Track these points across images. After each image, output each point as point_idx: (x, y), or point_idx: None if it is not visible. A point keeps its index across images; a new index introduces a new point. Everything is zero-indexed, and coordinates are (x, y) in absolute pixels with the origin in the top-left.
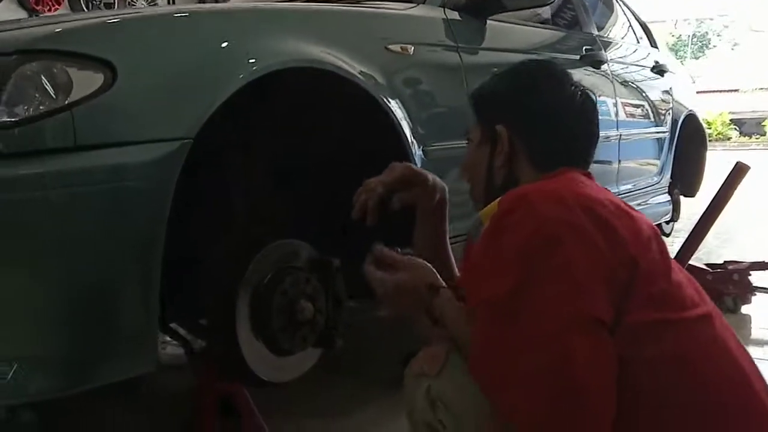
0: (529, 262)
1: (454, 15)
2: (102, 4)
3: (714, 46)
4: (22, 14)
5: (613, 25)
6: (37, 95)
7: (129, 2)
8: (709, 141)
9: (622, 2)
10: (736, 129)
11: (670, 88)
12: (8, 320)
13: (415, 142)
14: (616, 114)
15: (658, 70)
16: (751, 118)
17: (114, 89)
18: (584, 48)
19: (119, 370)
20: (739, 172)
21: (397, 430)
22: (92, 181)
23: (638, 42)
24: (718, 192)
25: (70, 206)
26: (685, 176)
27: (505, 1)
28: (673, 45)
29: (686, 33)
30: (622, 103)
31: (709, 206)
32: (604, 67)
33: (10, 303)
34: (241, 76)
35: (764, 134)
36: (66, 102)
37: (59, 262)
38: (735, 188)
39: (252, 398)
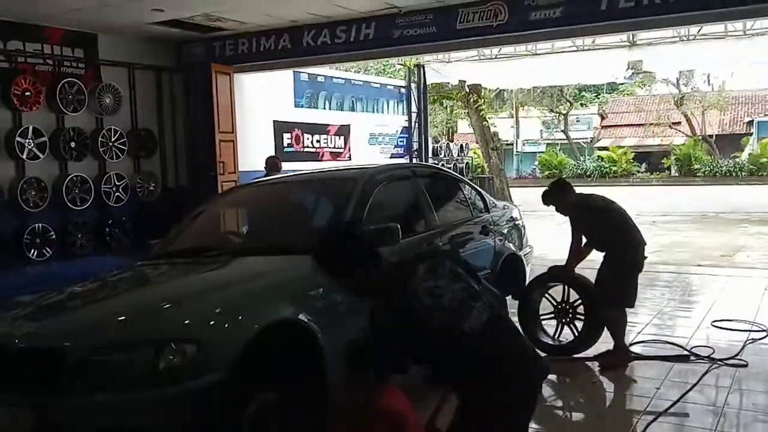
0: None
1: None
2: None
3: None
4: (6, 113)
5: (453, 205)
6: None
7: None
8: (615, 177)
9: (468, 184)
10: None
11: (495, 241)
12: None
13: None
14: None
15: (483, 231)
16: (658, 151)
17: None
18: (425, 244)
19: None
20: None
21: None
22: None
23: (472, 214)
24: None
25: None
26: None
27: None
28: None
29: None
30: None
31: None
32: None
33: None
34: None
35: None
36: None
37: None
38: None
39: None
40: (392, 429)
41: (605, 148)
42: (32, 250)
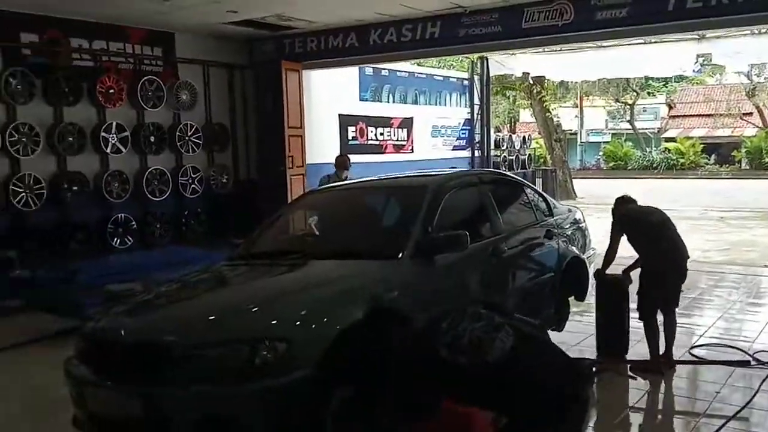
0: None
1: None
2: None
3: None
4: (92, 110)
5: (517, 209)
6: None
7: None
8: (682, 169)
9: (532, 188)
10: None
11: (559, 244)
12: None
13: None
14: (511, 282)
15: (547, 235)
16: (728, 143)
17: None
18: (491, 249)
19: None
20: None
21: None
22: None
23: (536, 218)
24: None
25: None
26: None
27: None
28: None
29: None
30: (513, 270)
31: None
32: (504, 255)
33: None
34: None
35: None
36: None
37: None
38: None
39: None
40: (459, 425)
41: (672, 139)
42: (115, 239)
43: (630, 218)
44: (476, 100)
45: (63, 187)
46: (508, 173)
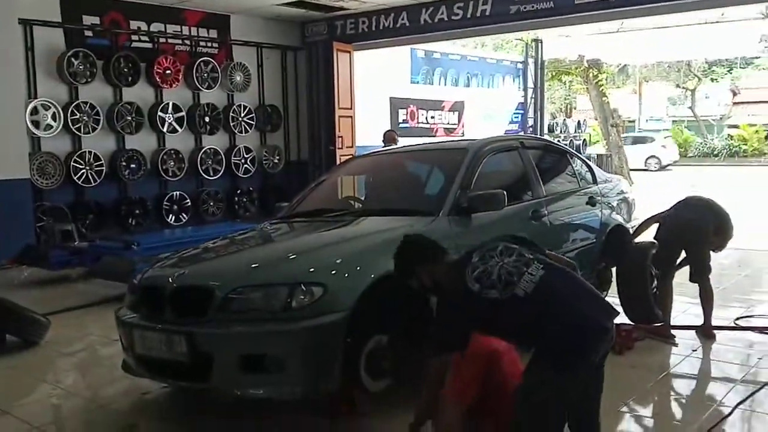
0: None
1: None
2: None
3: None
4: (150, 90)
5: (560, 176)
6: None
7: None
8: (745, 157)
9: (576, 156)
10: None
11: (601, 212)
12: None
13: None
14: (550, 246)
15: (590, 202)
16: None
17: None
18: (531, 211)
19: None
20: None
21: None
22: None
23: (579, 184)
24: None
25: None
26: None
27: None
28: None
29: None
30: (553, 234)
31: None
32: (544, 219)
33: None
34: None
35: None
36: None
37: None
38: None
39: None
40: (487, 355)
41: (736, 126)
42: (170, 216)
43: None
44: (530, 84)
45: (121, 165)
46: (552, 140)
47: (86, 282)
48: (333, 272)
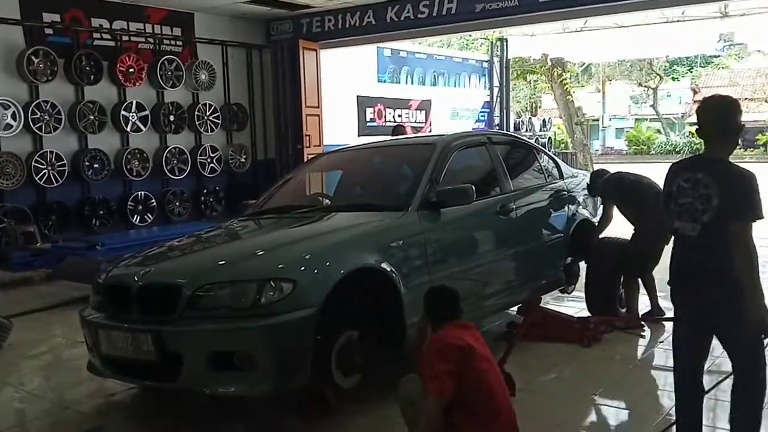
0: None
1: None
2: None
3: None
4: (112, 89)
5: (528, 171)
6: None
7: None
8: None
9: (543, 152)
10: None
11: (567, 205)
12: None
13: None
14: (518, 241)
15: (557, 196)
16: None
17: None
18: (499, 206)
19: None
20: None
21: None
22: None
23: (546, 180)
24: None
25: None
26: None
27: (443, 202)
28: None
29: None
30: (521, 229)
31: None
32: (512, 213)
33: None
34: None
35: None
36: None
37: None
38: None
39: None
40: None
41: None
42: (135, 216)
43: (613, 184)
44: (496, 83)
45: (84, 165)
46: (519, 135)
47: (50, 284)
48: (302, 268)
